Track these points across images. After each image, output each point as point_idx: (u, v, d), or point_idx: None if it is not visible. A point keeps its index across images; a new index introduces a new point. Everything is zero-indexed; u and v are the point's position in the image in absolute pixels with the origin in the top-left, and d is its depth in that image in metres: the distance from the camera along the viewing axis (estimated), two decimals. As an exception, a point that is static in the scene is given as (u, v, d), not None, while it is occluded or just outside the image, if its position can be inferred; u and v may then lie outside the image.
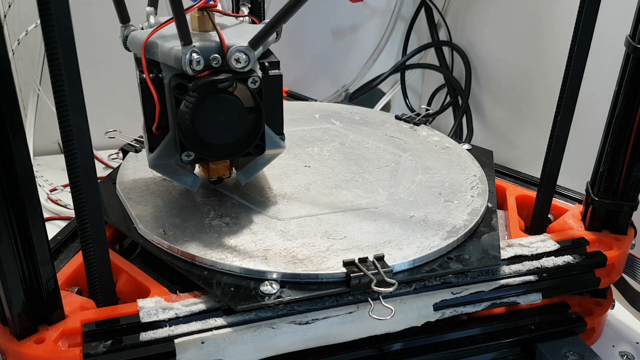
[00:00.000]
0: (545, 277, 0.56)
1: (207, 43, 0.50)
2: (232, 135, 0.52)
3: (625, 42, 0.54)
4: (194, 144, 0.51)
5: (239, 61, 0.49)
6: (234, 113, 0.51)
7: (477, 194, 0.63)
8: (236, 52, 0.49)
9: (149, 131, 0.52)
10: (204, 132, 0.51)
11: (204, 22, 0.53)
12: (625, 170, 0.57)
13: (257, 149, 0.54)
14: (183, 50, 0.47)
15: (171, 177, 0.56)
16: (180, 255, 0.53)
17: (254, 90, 0.51)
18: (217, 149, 0.53)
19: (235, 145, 0.53)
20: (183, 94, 0.49)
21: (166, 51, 0.49)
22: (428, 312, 0.52)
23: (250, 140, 0.53)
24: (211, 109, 0.50)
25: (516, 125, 1.05)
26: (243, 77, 0.50)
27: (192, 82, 0.49)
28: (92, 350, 0.44)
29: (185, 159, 0.52)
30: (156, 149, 0.53)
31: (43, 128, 0.98)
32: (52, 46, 0.38)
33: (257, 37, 0.50)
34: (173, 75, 0.50)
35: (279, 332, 0.48)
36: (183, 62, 0.48)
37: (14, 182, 0.40)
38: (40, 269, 0.43)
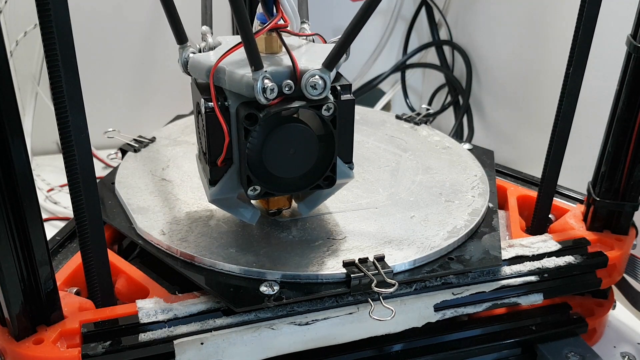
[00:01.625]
0: (547, 277, 0.55)
1: (278, 68, 0.45)
2: (301, 167, 0.48)
3: (627, 42, 0.54)
4: (260, 178, 0.47)
5: (315, 88, 0.45)
6: (305, 144, 0.47)
7: (478, 194, 0.63)
8: (311, 77, 0.44)
9: (212, 164, 0.48)
10: (272, 165, 0.47)
11: (272, 43, 0.48)
12: (626, 170, 0.57)
13: (327, 180, 0.49)
14: (254, 77, 0.43)
15: (230, 210, 0.52)
16: (179, 255, 0.52)
17: (327, 119, 0.46)
18: (284, 182, 0.49)
19: (304, 178, 0.49)
20: (253, 124, 0.45)
21: (237, 78, 0.45)
22: (429, 313, 0.52)
23: (320, 172, 0.49)
24: (281, 139, 0.46)
25: (517, 125, 1.04)
26: (317, 105, 0.46)
27: (262, 112, 0.44)
28: (91, 351, 0.44)
29: (251, 194, 0.47)
30: (218, 182, 0.49)
31: (42, 128, 0.98)
32: (50, 42, 0.38)
33: (330, 57, 0.45)
34: (241, 104, 0.45)
35: (279, 333, 0.48)
36: (256, 91, 0.43)
37: (13, 182, 0.40)
38: (38, 270, 0.43)
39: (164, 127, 0.78)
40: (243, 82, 0.44)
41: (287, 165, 0.47)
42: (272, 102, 0.45)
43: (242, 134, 0.45)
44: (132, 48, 1.04)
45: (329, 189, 0.51)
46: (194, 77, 0.49)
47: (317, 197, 0.54)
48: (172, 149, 0.71)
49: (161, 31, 1.03)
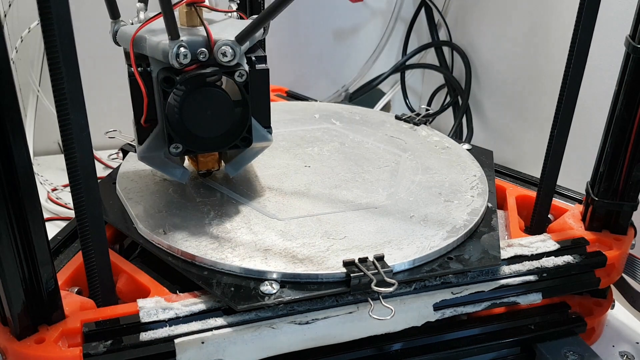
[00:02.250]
0: (545, 277, 0.56)
1: (194, 37, 0.51)
2: (219, 128, 0.53)
3: (625, 42, 0.54)
4: (181, 137, 0.52)
5: (226, 55, 0.50)
6: (221, 106, 0.52)
7: (477, 194, 0.63)
8: (223, 46, 0.50)
9: (138, 124, 0.54)
10: (191, 124, 0.52)
11: (192, 17, 0.54)
12: (625, 170, 0.57)
13: (244, 141, 0.55)
14: (170, 44, 0.49)
15: (161, 169, 0.57)
16: (180, 255, 0.53)
17: (240, 84, 0.52)
18: (204, 142, 0.54)
19: (222, 138, 0.54)
20: (171, 87, 0.50)
21: (154, 45, 0.50)
22: (428, 312, 0.52)
23: (237, 133, 0.54)
24: (199, 101, 0.51)
25: (516, 125, 1.05)
26: (230, 71, 0.51)
27: (179, 76, 0.50)
28: (92, 350, 0.44)
29: (173, 151, 0.53)
30: (145, 141, 0.54)
31: (43, 128, 0.98)
32: (51, 40, 0.38)
33: (245, 32, 0.51)
34: (161, 69, 0.51)
35: (279, 332, 0.48)
36: (170, 56, 0.49)
37: (14, 182, 0.40)
38: (40, 269, 0.43)
39: (165, 128, 0.78)
40: (159, 48, 0.50)
41: (205, 126, 0.52)
42: (189, 68, 0.50)
43: (162, 95, 0.50)
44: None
45: (251, 151, 0.58)
46: (122, 46, 0.55)
47: (241, 158, 0.59)
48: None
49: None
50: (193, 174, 0.63)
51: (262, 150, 0.59)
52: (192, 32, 0.52)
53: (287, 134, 0.76)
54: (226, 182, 0.63)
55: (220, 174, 0.64)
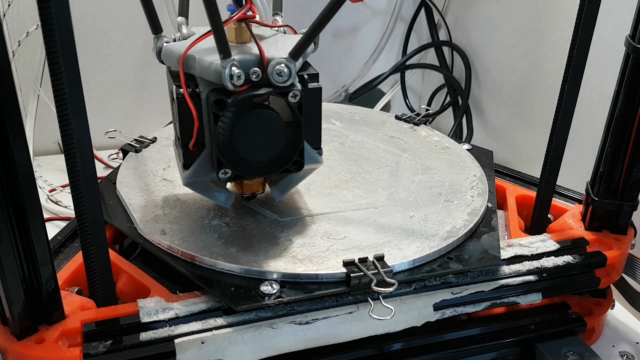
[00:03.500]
0: (545, 277, 0.56)
1: (246, 56, 0.47)
2: (270, 151, 0.50)
3: (625, 42, 0.54)
4: (231, 162, 0.49)
5: (281, 75, 0.47)
6: (273, 128, 0.49)
7: (477, 194, 0.63)
8: (277, 65, 0.47)
9: (184, 148, 0.50)
10: (242, 148, 0.49)
11: (242, 33, 0.50)
12: (625, 170, 0.57)
13: (295, 165, 0.52)
14: (222, 64, 0.45)
15: (205, 194, 0.54)
16: (180, 255, 0.53)
17: (294, 105, 0.49)
18: (254, 166, 0.50)
19: (273, 162, 0.51)
20: (222, 109, 0.47)
21: (205, 65, 0.47)
22: (428, 312, 0.52)
23: (288, 156, 0.51)
24: (250, 124, 0.48)
25: (516, 125, 1.05)
26: (284, 92, 0.48)
27: (231, 98, 0.46)
28: (92, 350, 0.44)
29: (222, 177, 0.49)
30: (191, 166, 0.51)
31: (43, 128, 0.98)
32: (53, 47, 0.38)
33: (297, 47, 0.47)
34: (211, 91, 0.47)
35: (279, 332, 0.48)
36: (223, 77, 0.45)
37: (14, 182, 0.40)
38: (40, 269, 0.43)
39: (165, 128, 0.78)
40: (211, 69, 0.47)
41: (256, 149, 0.49)
42: (241, 89, 0.47)
43: (212, 118, 0.47)
44: (133, 48, 1.04)
45: (300, 174, 0.54)
46: (167, 65, 0.52)
47: (289, 181, 0.56)
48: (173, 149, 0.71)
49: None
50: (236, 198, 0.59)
51: (310, 173, 0.56)
52: (243, 50, 0.49)
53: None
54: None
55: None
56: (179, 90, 0.48)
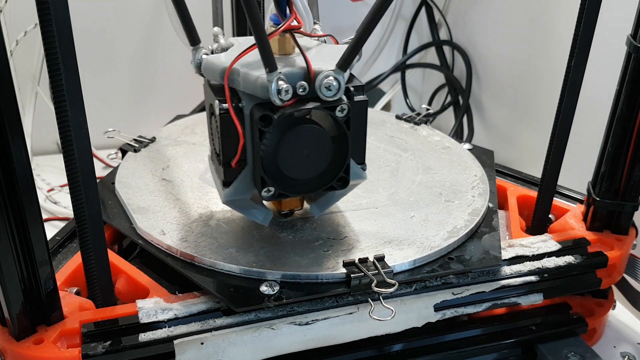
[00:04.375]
0: (547, 277, 0.55)
1: (292, 69, 0.45)
2: (315, 168, 0.48)
3: (627, 42, 0.54)
4: (274, 179, 0.47)
5: (330, 89, 0.44)
6: (319, 145, 0.47)
7: (478, 194, 0.63)
8: (326, 79, 0.44)
9: (226, 165, 0.47)
10: (286, 166, 0.46)
11: (285, 44, 0.48)
12: (626, 170, 0.57)
13: (340, 182, 0.49)
14: (269, 78, 0.43)
15: (243, 211, 0.52)
16: (179, 255, 0.52)
17: (341, 120, 0.46)
18: (298, 184, 0.48)
19: (317, 179, 0.49)
20: (268, 125, 0.44)
21: (251, 80, 0.45)
22: (429, 313, 0.52)
23: (334, 173, 0.49)
24: (296, 141, 0.46)
25: (517, 125, 1.04)
26: (331, 106, 0.46)
27: (276, 113, 0.44)
28: (91, 351, 0.44)
29: (265, 196, 0.47)
30: (232, 184, 0.48)
31: (41, 128, 0.98)
32: (50, 39, 0.38)
33: (344, 58, 0.45)
34: (255, 105, 0.45)
35: (279, 333, 0.48)
36: (271, 92, 0.43)
37: (13, 182, 0.40)
38: (38, 270, 0.43)
39: (164, 127, 0.78)
40: (258, 83, 0.44)
41: (300, 167, 0.47)
42: (286, 104, 0.44)
43: (257, 135, 0.45)
44: (132, 48, 1.04)
45: (342, 192, 0.51)
46: (207, 78, 0.49)
47: (329, 198, 0.54)
48: (172, 149, 0.71)
49: (161, 31, 1.03)
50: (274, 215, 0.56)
51: (352, 189, 0.52)
52: (288, 62, 0.46)
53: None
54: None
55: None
56: (222, 105, 0.45)
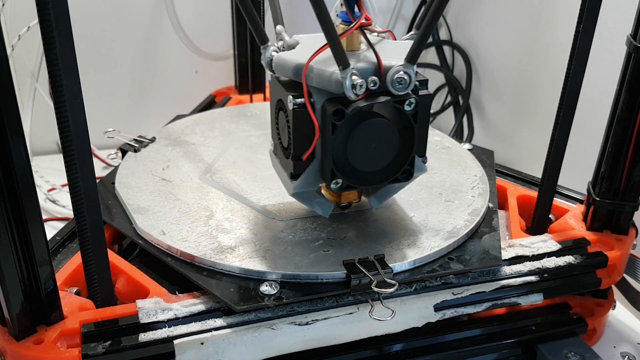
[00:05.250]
0: (547, 277, 0.55)
1: (364, 64, 0.46)
2: (382, 161, 0.49)
3: (627, 42, 0.54)
4: (344, 172, 0.49)
5: (401, 83, 0.46)
6: (387, 138, 0.48)
7: (478, 194, 0.63)
8: (397, 74, 0.46)
9: (296, 158, 0.49)
10: (355, 158, 0.48)
11: (352, 40, 0.50)
12: (626, 171, 0.57)
13: (404, 174, 0.51)
14: (342, 75, 0.44)
15: (307, 203, 0.53)
16: (179, 255, 0.52)
17: (409, 113, 0.48)
18: (365, 176, 0.50)
19: (383, 172, 0.50)
20: (340, 119, 0.46)
21: (326, 75, 0.46)
22: (429, 313, 0.52)
23: (399, 165, 0.50)
24: (365, 134, 0.47)
25: (517, 125, 1.04)
26: (400, 100, 0.47)
27: (348, 107, 0.46)
28: (91, 351, 0.44)
29: (333, 187, 0.49)
30: (300, 177, 0.50)
31: (41, 128, 0.98)
32: (50, 39, 0.38)
33: (412, 52, 0.46)
34: (327, 100, 0.46)
35: (279, 333, 0.48)
36: (346, 87, 0.44)
37: (13, 182, 0.40)
38: (38, 270, 0.43)
39: (164, 127, 0.78)
40: (332, 79, 0.45)
41: (368, 159, 0.49)
42: (359, 98, 0.46)
43: (329, 129, 0.46)
44: (132, 48, 1.04)
45: (401, 184, 0.53)
46: (277, 74, 0.51)
47: (387, 190, 0.55)
48: (172, 149, 0.71)
49: (161, 31, 1.03)
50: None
51: (412, 181, 0.53)
52: (359, 58, 0.48)
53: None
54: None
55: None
56: (295, 100, 0.47)
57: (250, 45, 0.96)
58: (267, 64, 0.51)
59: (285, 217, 0.57)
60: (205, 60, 1.07)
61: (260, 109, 0.84)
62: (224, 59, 1.07)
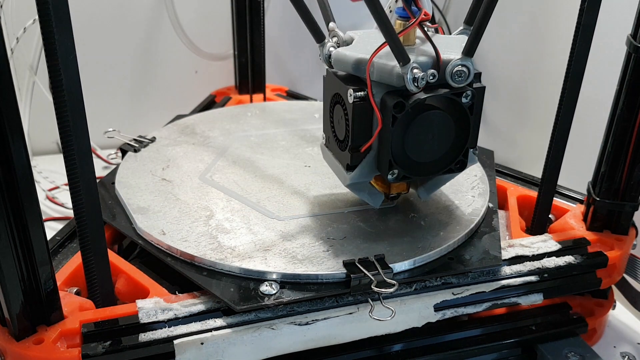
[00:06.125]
0: (547, 277, 0.55)
1: (423, 58, 0.48)
2: (437, 152, 0.51)
3: (627, 42, 0.54)
4: (401, 163, 0.50)
5: (460, 75, 0.47)
6: (443, 129, 0.50)
7: (478, 194, 0.63)
8: (456, 67, 0.47)
9: (354, 150, 0.51)
10: (412, 150, 0.49)
11: (409, 35, 0.51)
12: (626, 170, 0.57)
13: (458, 165, 0.52)
14: (403, 70, 0.46)
15: (360, 194, 0.55)
16: (179, 255, 0.52)
17: (466, 105, 0.49)
18: (421, 167, 0.51)
19: (438, 162, 0.52)
20: (400, 112, 0.47)
21: (388, 70, 0.47)
22: (429, 313, 0.52)
23: (453, 156, 0.52)
24: (423, 125, 0.49)
25: (517, 125, 1.04)
26: (458, 92, 0.49)
27: (409, 100, 0.47)
28: (91, 351, 0.44)
29: (390, 178, 0.50)
30: (356, 168, 0.51)
31: (41, 128, 0.98)
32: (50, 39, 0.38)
33: (469, 45, 0.47)
34: (387, 93, 0.48)
35: (279, 333, 0.48)
36: (407, 81, 0.46)
37: (13, 183, 0.40)
38: (39, 270, 0.43)
39: (164, 127, 0.78)
40: (394, 72, 0.47)
41: (424, 150, 0.50)
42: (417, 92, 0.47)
43: (389, 121, 0.48)
44: (132, 48, 1.04)
45: (450, 175, 0.55)
46: (336, 70, 0.52)
47: (436, 181, 0.57)
48: (172, 149, 0.71)
49: (161, 31, 1.03)
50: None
51: (460, 173, 0.55)
52: (417, 52, 0.49)
53: (287, 134, 0.76)
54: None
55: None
56: (356, 94, 0.48)
57: (250, 45, 0.96)
58: (326, 59, 0.53)
59: (285, 217, 0.57)
60: (205, 60, 1.07)
61: (261, 109, 0.84)
62: (224, 59, 1.07)
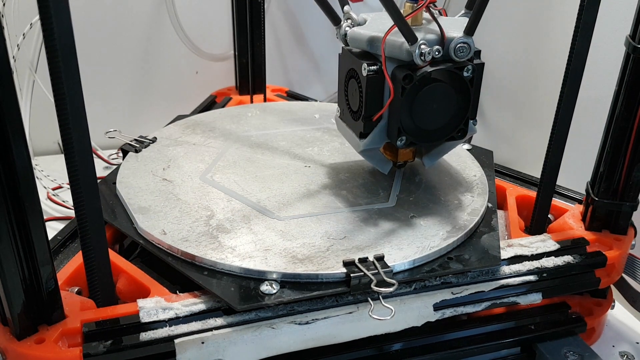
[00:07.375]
0: (546, 277, 0.56)
1: (429, 36, 0.53)
2: (441, 120, 0.56)
3: (626, 42, 0.54)
4: (408, 130, 0.56)
5: (462, 51, 0.53)
6: (446, 100, 0.55)
7: (477, 194, 0.63)
8: (459, 44, 0.53)
9: (367, 119, 0.56)
10: (419, 118, 0.55)
11: (417, 17, 0.57)
12: (625, 170, 0.57)
13: (459, 133, 0.58)
14: (412, 48, 0.52)
15: (371, 160, 0.62)
16: (180, 255, 0.53)
17: (467, 79, 0.55)
18: (426, 134, 0.57)
19: (442, 130, 0.57)
20: (409, 83, 0.53)
21: (398, 45, 0.53)
22: (428, 312, 0.52)
23: (455, 125, 0.57)
24: (429, 96, 0.54)
25: (516, 125, 1.05)
26: (460, 67, 0.54)
27: (417, 73, 0.53)
28: (92, 350, 0.44)
29: (399, 144, 0.56)
30: (369, 135, 0.57)
31: (42, 128, 0.98)
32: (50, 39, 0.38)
33: (470, 24, 0.53)
34: (397, 67, 0.54)
35: (279, 332, 0.48)
36: (415, 55, 0.52)
37: (14, 182, 0.40)
38: (40, 269, 0.43)
39: (165, 128, 0.78)
40: (404, 48, 0.53)
41: (430, 119, 0.56)
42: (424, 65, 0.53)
43: (399, 92, 0.53)
44: (133, 48, 1.04)
45: (450, 144, 0.61)
46: (352, 47, 0.58)
47: (439, 150, 0.63)
48: (173, 149, 0.71)
49: (162, 32, 1.03)
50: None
51: (460, 142, 0.62)
52: (424, 30, 0.55)
53: (287, 134, 0.76)
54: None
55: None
56: (370, 68, 0.54)
57: (250, 46, 0.96)
58: (342, 38, 0.60)
59: (285, 217, 0.58)
60: (205, 60, 1.07)
61: (261, 109, 0.85)
62: (225, 60, 1.07)
